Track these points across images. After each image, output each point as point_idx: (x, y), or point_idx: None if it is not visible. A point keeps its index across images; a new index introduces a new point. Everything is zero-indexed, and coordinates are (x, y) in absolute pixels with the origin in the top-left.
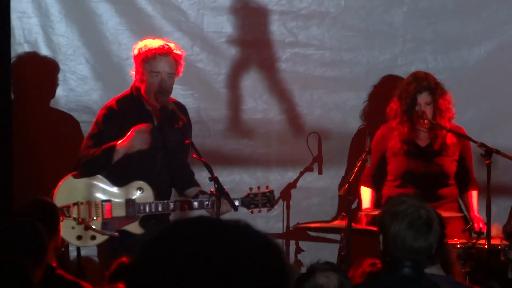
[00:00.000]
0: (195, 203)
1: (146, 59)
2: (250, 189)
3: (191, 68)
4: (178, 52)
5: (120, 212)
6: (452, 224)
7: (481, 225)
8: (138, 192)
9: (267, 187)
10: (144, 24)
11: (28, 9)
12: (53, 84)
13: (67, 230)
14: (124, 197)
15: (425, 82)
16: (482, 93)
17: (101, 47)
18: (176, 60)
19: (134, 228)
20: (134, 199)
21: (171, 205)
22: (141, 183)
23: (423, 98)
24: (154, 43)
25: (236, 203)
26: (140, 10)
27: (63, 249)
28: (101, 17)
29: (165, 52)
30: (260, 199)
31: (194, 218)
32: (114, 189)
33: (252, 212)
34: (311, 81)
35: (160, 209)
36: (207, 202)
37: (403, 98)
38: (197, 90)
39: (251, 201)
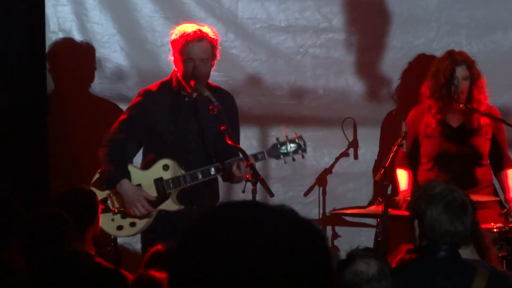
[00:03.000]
0: (211, 169)
1: (180, 45)
2: (277, 139)
3: (226, 55)
4: (213, 36)
5: (152, 194)
6: (488, 209)
7: None
8: (165, 170)
9: (295, 134)
10: (178, 11)
11: None
12: (90, 69)
13: (108, 223)
14: (152, 178)
15: (462, 57)
16: None
17: (136, 34)
18: (211, 44)
19: (170, 205)
20: (162, 177)
21: (199, 174)
22: (165, 160)
23: (461, 72)
24: (187, 28)
25: (262, 156)
26: None
27: (109, 247)
28: (135, 4)
29: (197, 37)
30: (289, 147)
31: (237, 202)
32: (142, 173)
33: (285, 162)
34: (345, 67)
35: (188, 180)
36: (229, 161)
37: (441, 71)
38: (231, 76)
39: (279, 150)
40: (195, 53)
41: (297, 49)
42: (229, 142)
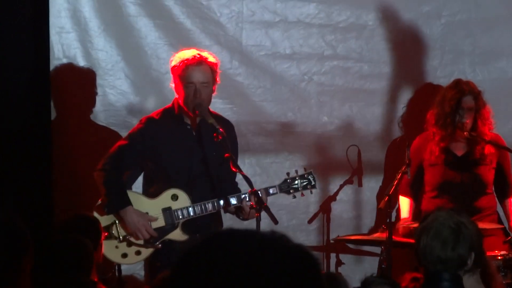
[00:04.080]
0: (233, 199)
1: (180, 70)
2: (287, 174)
3: (230, 82)
4: (212, 60)
5: (159, 223)
6: (492, 236)
7: None
8: (173, 200)
9: (305, 168)
10: (183, 38)
11: (67, 24)
12: (92, 95)
13: (111, 250)
14: (160, 207)
15: (469, 87)
16: None
17: (140, 62)
18: (211, 68)
19: (177, 235)
20: (170, 207)
21: (209, 206)
22: (174, 190)
23: (467, 102)
24: (186, 54)
25: (273, 190)
26: (179, 24)
27: (110, 273)
28: (140, 32)
29: (197, 61)
30: (299, 182)
31: (229, 230)
32: (149, 201)
33: (294, 197)
34: (350, 94)
35: (198, 211)
36: (244, 195)
37: (447, 100)
38: (236, 103)
39: (290, 185)
40: (196, 77)
41: (301, 76)
42: (234, 169)
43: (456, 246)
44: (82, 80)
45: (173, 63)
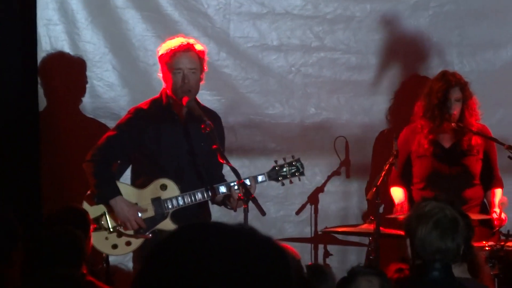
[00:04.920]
0: (222, 187)
1: (167, 57)
2: (275, 161)
3: (218, 74)
4: (199, 47)
5: (149, 213)
6: (479, 227)
7: (501, 217)
8: (162, 189)
9: (293, 156)
10: (171, 30)
11: (54, 17)
12: (81, 87)
13: (102, 241)
14: (149, 197)
15: (455, 78)
16: (509, 95)
17: (128, 54)
18: (198, 55)
19: (167, 225)
20: (159, 197)
21: (198, 195)
22: (163, 180)
23: (454, 93)
24: (173, 42)
25: (262, 178)
26: (167, 16)
27: (100, 265)
28: (127, 24)
29: (184, 48)
30: (288, 170)
31: (198, 224)
32: (138, 192)
33: (283, 184)
34: (337, 85)
35: (187, 201)
36: (233, 184)
37: (434, 92)
38: (224, 95)
39: (279, 173)
40: (183, 63)
41: (289, 68)
42: (221, 160)
43: (455, 236)
44: (71, 71)
45: (160, 52)
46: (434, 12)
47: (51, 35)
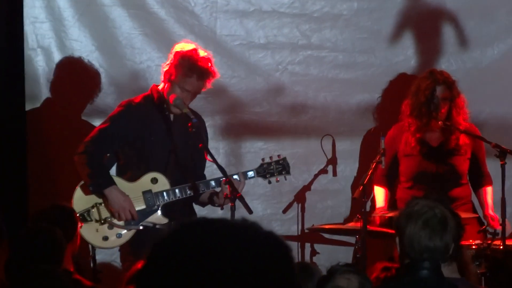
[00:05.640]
0: (212, 182)
1: (188, 71)
2: (262, 159)
3: None
4: (217, 75)
5: (140, 206)
6: (467, 225)
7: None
8: (153, 183)
9: (278, 156)
10: (158, 28)
11: (41, 15)
12: (70, 85)
13: (92, 234)
14: (141, 190)
15: (443, 77)
16: (496, 94)
17: (115, 52)
18: (211, 81)
19: (158, 219)
20: (150, 190)
21: (188, 189)
22: (154, 173)
23: (442, 92)
24: (203, 61)
25: (252, 173)
26: (153, 14)
27: (88, 257)
28: (114, 22)
29: (209, 77)
30: (274, 168)
31: (200, 219)
32: (130, 185)
33: (270, 182)
34: (324, 84)
35: (178, 194)
36: (223, 178)
37: (422, 90)
38: (210, 93)
39: (266, 170)
40: (196, 88)
41: (276, 66)
42: (208, 159)
43: (443, 236)
44: (59, 70)
45: (186, 55)
46: (422, 11)
47: (37, 33)
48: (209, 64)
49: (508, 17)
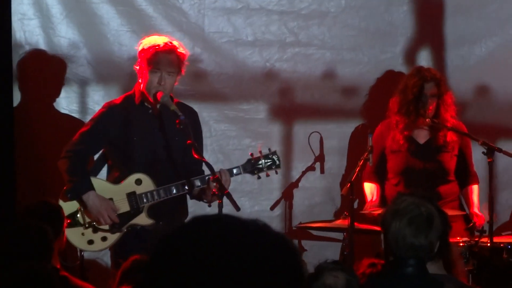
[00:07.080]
0: (197, 181)
1: (149, 54)
2: (251, 154)
3: (192, 69)
4: (182, 51)
5: (124, 208)
6: (454, 223)
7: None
8: (137, 184)
9: (269, 149)
10: (146, 25)
11: (29, 11)
12: (57, 83)
13: (78, 237)
14: (125, 192)
15: (430, 74)
16: (483, 91)
17: (103, 48)
18: (179, 58)
19: (142, 220)
20: (134, 191)
21: (173, 189)
22: (138, 174)
23: (429, 89)
24: (158, 40)
25: (237, 171)
26: (141, 11)
27: (78, 262)
28: (102, 18)
29: (167, 50)
30: (264, 162)
31: (212, 216)
32: (114, 187)
33: (259, 177)
34: (312, 81)
35: (162, 195)
36: (208, 177)
37: (409, 88)
38: (198, 90)
39: (254, 165)
40: (163, 64)
41: (263, 63)
42: (196, 156)
43: (429, 234)
44: (47, 67)
45: (142, 46)
46: (409, 8)
47: (25, 30)
48: (167, 39)
49: (496, 14)
